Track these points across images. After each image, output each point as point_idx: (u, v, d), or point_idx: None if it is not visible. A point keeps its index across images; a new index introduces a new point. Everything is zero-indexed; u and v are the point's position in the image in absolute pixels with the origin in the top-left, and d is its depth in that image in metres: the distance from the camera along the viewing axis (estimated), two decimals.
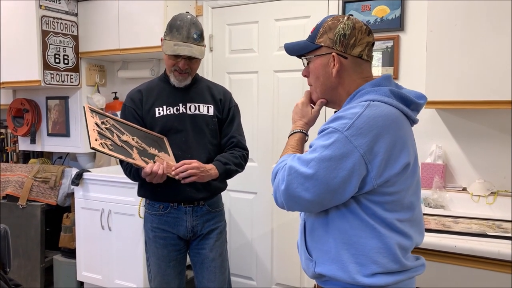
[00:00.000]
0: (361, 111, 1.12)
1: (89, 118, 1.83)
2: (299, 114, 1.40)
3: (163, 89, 2.09)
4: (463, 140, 2.38)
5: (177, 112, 2.05)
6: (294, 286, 2.96)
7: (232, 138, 2.11)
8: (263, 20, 2.98)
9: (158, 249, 2.07)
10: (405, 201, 1.19)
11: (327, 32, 1.26)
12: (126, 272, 2.91)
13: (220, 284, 2.10)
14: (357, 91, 1.24)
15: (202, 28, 2.04)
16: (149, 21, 2.97)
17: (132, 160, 1.81)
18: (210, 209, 2.10)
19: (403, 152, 1.15)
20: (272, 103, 2.98)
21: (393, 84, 1.26)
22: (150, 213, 2.10)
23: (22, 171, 3.43)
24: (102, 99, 3.40)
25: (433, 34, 2.13)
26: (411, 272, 1.21)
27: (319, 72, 1.29)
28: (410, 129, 1.24)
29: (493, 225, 1.95)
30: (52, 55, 3.14)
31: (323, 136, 1.15)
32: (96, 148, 1.70)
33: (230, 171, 2.03)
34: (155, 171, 1.80)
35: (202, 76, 2.23)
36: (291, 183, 1.15)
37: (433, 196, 2.26)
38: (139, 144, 1.91)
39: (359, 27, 1.25)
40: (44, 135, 3.56)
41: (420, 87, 2.31)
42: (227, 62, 3.14)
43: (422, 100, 1.27)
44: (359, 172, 1.11)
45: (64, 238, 3.24)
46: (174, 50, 1.94)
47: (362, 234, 1.16)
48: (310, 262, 1.26)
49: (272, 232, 3.04)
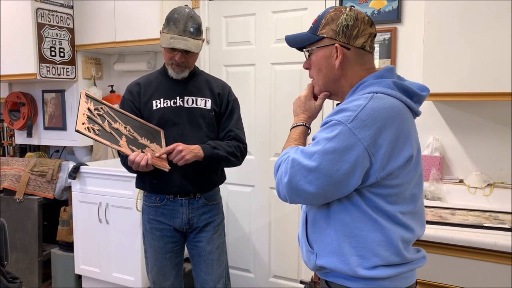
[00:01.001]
0: (365, 103, 1.11)
1: (82, 103, 1.85)
2: (302, 107, 1.38)
3: (161, 82, 2.10)
4: (460, 132, 2.38)
5: (174, 105, 2.05)
6: (292, 278, 2.98)
7: (230, 132, 2.10)
8: (260, 12, 2.96)
9: (155, 241, 2.09)
10: (408, 194, 1.19)
11: (330, 23, 1.24)
12: (124, 265, 2.92)
13: (217, 276, 2.11)
14: (360, 83, 1.23)
15: (200, 22, 2.03)
16: (145, 14, 2.95)
17: (117, 146, 1.83)
18: (207, 202, 2.10)
19: (407, 145, 1.14)
20: (270, 95, 2.97)
21: (396, 76, 1.25)
22: (147, 205, 2.12)
23: (18, 165, 3.42)
24: (98, 92, 3.38)
25: (430, 25, 2.13)
26: (412, 264, 1.22)
27: (321, 64, 1.27)
28: (413, 121, 1.23)
29: (489, 216, 1.96)
30: (47, 48, 3.12)
31: (326, 129, 1.14)
32: (80, 130, 1.72)
33: (219, 157, 2.00)
34: (137, 161, 1.82)
35: (202, 70, 2.23)
36: (294, 175, 1.13)
37: (430, 188, 2.27)
38: (130, 133, 1.93)
39: (362, 18, 1.24)
40: (40, 129, 3.55)
41: (418, 79, 2.30)
42: (224, 55, 3.12)
43: (425, 92, 1.26)
44: (363, 165, 1.10)
45: (61, 231, 3.24)
46: (170, 43, 1.95)
47: (364, 227, 1.16)
48: (311, 254, 1.26)
49: (269, 224, 3.04)
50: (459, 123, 2.37)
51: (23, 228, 3.27)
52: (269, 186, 3.00)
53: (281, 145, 1.43)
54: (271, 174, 2.77)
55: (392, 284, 1.18)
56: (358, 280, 1.18)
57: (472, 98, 2.09)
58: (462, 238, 1.73)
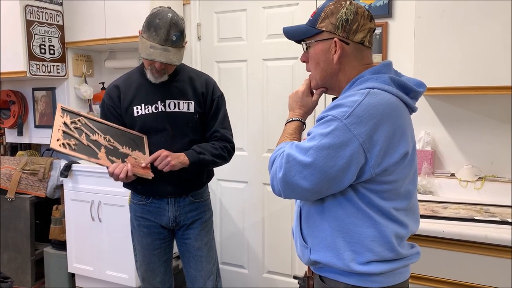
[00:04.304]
0: (361, 99, 1.11)
1: (58, 118, 1.81)
2: (299, 102, 1.36)
3: (141, 85, 2.01)
4: (451, 126, 2.39)
5: (155, 110, 1.98)
6: (286, 274, 2.99)
7: (216, 132, 2.05)
8: (251, 8, 2.95)
9: (143, 238, 2.09)
10: (402, 190, 1.19)
11: (329, 17, 1.23)
12: (117, 262, 2.91)
13: (207, 273, 2.11)
14: (356, 78, 1.22)
15: (183, 27, 1.90)
16: (136, 10, 2.92)
17: (95, 160, 1.78)
18: (194, 200, 2.09)
19: (402, 141, 1.14)
20: (262, 91, 2.97)
21: (393, 71, 1.25)
22: (134, 202, 2.11)
23: (9, 164, 3.39)
24: (89, 89, 3.36)
25: (421, 20, 2.13)
26: (406, 260, 1.22)
27: (319, 58, 1.26)
28: (409, 117, 1.23)
29: (480, 209, 1.97)
30: (37, 45, 3.09)
31: (322, 124, 1.13)
32: (55, 148, 1.69)
33: (205, 161, 1.95)
34: (116, 174, 1.78)
35: (185, 65, 2.11)
36: (289, 171, 1.13)
37: (422, 182, 2.28)
38: (110, 143, 1.88)
39: (362, 12, 1.22)
40: (31, 127, 3.52)
41: (409, 74, 2.31)
42: (216, 51, 3.11)
43: (422, 88, 1.26)
44: (358, 161, 1.10)
45: (54, 230, 3.22)
46: (150, 54, 1.83)
47: (358, 222, 1.16)
48: (306, 249, 1.26)
49: (263, 220, 3.05)
50: (451, 117, 2.38)
51: (15, 227, 3.24)
52: (262, 182, 3.00)
53: (274, 141, 1.42)
54: (264, 170, 2.77)
55: (386, 280, 1.18)
56: (352, 275, 1.18)
57: (463, 92, 2.10)
58: (454, 231, 1.74)
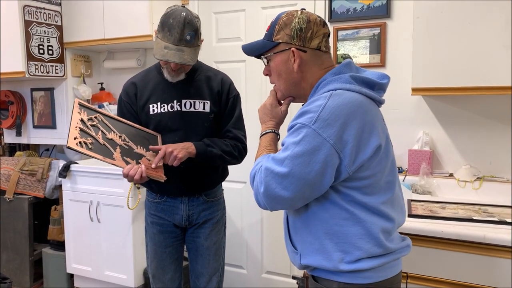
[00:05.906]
0: (325, 103, 1.14)
1: (75, 114, 1.78)
2: (269, 114, 1.41)
3: (158, 83, 2.00)
4: (449, 127, 2.40)
5: (171, 109, 1.98)
6: (284, 274, 2.99)
7: (228, 132, 2.06)
8: (249, 8, 2.95)
9: (155, 235, 2.10)
10: (382, 183, 1.21)
11: (283, 28, 1.27)
12: (116, 263, 2.90)
13: (213, 271, 2.13)
14: (319, 82, 1.26)
15: (198, 26, 1.87)
16: (134, 10, 2.92)
17: (110, 161, 1.78)
18: (207, 199, 2.10)
19: (373, 135, 1.16)
20: (260, 92, 2.97)
21: (354, 69, 1.27)
22: (149, 200, 2.13)
23: (8, 164, 3.38)
24: (88, 90, 3.36)
25: (420, 20, 2.14)
26: (395, 254, 1.24)
27: (280, 69, 1.30)
28: (378, 111, 1.26)
29: (479, 209, 1.97)
30: (36, 45, 3.08)
31: (292, 133, 1.17)
32: (72, 147, 1.67)
33: (213, 154, 1.95)
34: (131, 175, 1.78)
35: (202, 63, 2.09)
36: (269, 184, 1.16)
37: (421, 183, 2.29)
38: (125, 142, 1.87)
39: (314, 19, 1.27)
40: (30, 128, 3.51)
41: (407, 74, 2.33)
42: (214, 51, 3.11)
43: (385, 80, 1.28)
44: (333, 163, 1.12)
45: (52, 230, 3.22)
46: (164, 55, 1.82)
47: (343, 223, 1.18)
48: (296, 255, 1.28)
49: (262, 221, 3.05)
50: (449, 117, 2.39)
51: (13, 227, 3.24)
52: None
53: None
54: None
55: (377, 275, 1.20)
56: (343, 273, 1.20)
57: (461, 92, 2.10)
58: (452, 231, 1.74)
